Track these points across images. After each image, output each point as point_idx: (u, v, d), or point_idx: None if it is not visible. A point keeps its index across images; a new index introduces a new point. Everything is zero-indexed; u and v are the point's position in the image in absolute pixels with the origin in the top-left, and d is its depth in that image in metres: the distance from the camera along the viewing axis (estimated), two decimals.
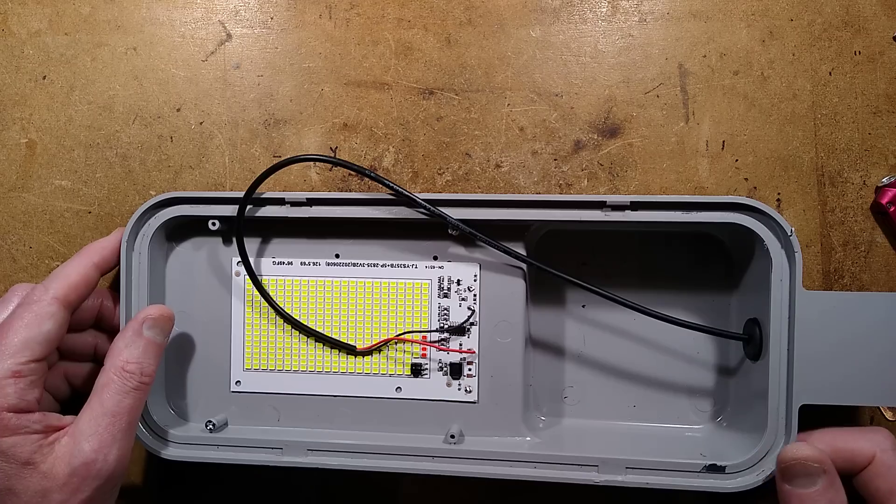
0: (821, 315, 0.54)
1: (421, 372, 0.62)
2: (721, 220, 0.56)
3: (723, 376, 0.62)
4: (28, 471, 0.50)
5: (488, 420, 0.61)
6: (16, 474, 0.49)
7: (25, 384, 0.51)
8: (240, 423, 0.63)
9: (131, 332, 0.56)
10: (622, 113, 0.62)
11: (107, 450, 0.51)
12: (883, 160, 0.60)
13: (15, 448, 0.49)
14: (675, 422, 0.63)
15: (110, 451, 0.52)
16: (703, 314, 0.62)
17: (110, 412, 0.52)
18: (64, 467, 0.50)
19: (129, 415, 0.53)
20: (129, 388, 0.54)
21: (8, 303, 0.56)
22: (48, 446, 0.50)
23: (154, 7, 0.66)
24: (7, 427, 0.49)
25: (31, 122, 0.66)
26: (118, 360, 0.54)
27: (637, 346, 0.63)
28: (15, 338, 0.51)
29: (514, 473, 0.58)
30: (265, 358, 0.63)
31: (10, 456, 0.49)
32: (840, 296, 0.55)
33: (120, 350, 0.55)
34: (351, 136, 0.64)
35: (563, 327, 0.64)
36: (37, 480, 0.50)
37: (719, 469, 0.56)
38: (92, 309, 0.61)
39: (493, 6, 0.63)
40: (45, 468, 0.50)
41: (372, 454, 0.60)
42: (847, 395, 0.54)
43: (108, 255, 0.59)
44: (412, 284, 0.62)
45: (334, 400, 0.63)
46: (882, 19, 0.60)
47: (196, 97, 0.65)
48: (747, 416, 0.58)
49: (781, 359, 0.55)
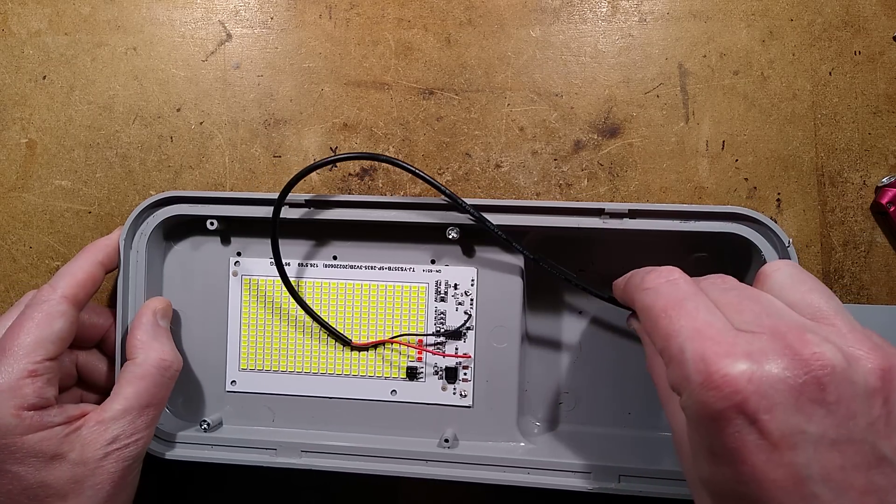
0: None
1: (416, 375, 0.61)
2: (719, 230, 0.55)
3: None
4: (58, 462, 0.51)
5: (483, 425, 0.61)
6: (46, 468, 0.50)
7: (42, 382, 0.51)
8: (235, 423, 0.63)
9: (149, 324, 0.58)
10: (622, 113, 0.62)
11: (139, 435, 0.54)
12: (883, 160, 0.59)
13: (41, 444, 0.50)
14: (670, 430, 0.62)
15: (142, 437, 0.54)
16: None
17: (146, 403, 0.55)
18: (96, 452, 0.52)
19: (162, 404, 0.57)
20: (166, 380, 0.56)
21: (19, 305, 0.57)
22: (73, 433, 0.52)
23: (154, 7, 0.66)
24: (30, 426, 0.50)
25: (31, 122, 0.67)
26: (153, 354, 0.56)
27: (633, 353, 0.62)
28: (28, 338, 0.52)
29: (507, 479, 0.58)
30: (261, 358, 0.63)
31: (37, 451, 0.50)
32: None
33: (150, 343, 0.57)
34: (351, 136, 0.64)
35: (559, 333, 0.63)
36: (68, 469, 0.51)
37: None
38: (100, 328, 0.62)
39: (493, 6, 0.63)
40: (75, 456, 0.51)
41: (366, 457, 0.60)
42: None
43: (111, 253, 0.59)
44: (409, 288, 0.61)
45: (329, 401, 0.62)
46: (882, 19, 0.60)
47: (196, 97, 0.66)
48: None
49: None
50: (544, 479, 0.57)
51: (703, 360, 0.36)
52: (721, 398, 0.35)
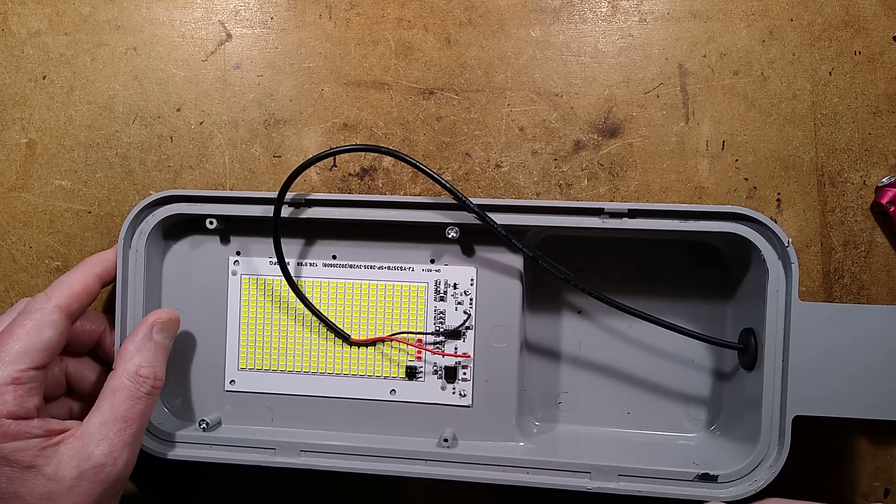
0: (816, 327, 0.54)
1: (416, 375, 0.61)
2: (718, 229, 0.55)
3: (717, 385, 0.62)
4: (31, 474, 0.50)
5: (482, 424, 0.61)
6: (19, 478, 0.50)
7: (24, 391, 0.51)
8: (234, 422, 0.63)
9: (142, 336, 0.56)
10: (622, 113, 0.62)
11: (117, 454, 0.52)
12: (883, 160, 0.59)
13: (16, 453, 0.50)
14: (669, 429, 0.62)
15: (120, 456, 0.52)
16: (699, 322, 0.61)
17: (122, 417, 0.53)
18: (71, 470, 0.50)
19: (140, 420, 0.54)
20: (141, 394, 0.54)
21: (12, 312, 0.56)
22: (51, 448, 0.51)
23: (154, 7, 0.66)
24: (7, 433, 0.49)
25: (31, 122, 0.67)
26: (130, 365, 0.55)
27: (632, 353, 0.62)
28: (16, 345, 0.51)
29: (506, 478, 0.58)
30: (260, 358, 0.63)
31: (12, 461, 0.50)
32: (836, 307, 0.54)
33: (132, 354, 0.55)
34: (351, 136, 0.64)
35: (558, 333, 0.63)
36: (41, 483, 0.50)
37: (712, 478, 0.55)
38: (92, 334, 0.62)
39: (493, 6, 0.63)
40: (50, 471, 0.50)
41: (365, 456, 0.59)
42: (841, 407, 0.54)
43: (109, 266, 0.59)
44: (409, 287, 0.61)
45: (329, 401, 0.62)
46: (882, 19, 0.60)
47: (196, 97, 0.65)
48: (741, 426, 0.58)
49: (776, 369, 0.54)
50: (543, 479, 0.57)
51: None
52: None
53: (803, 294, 0.60)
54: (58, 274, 0.66)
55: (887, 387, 0.54)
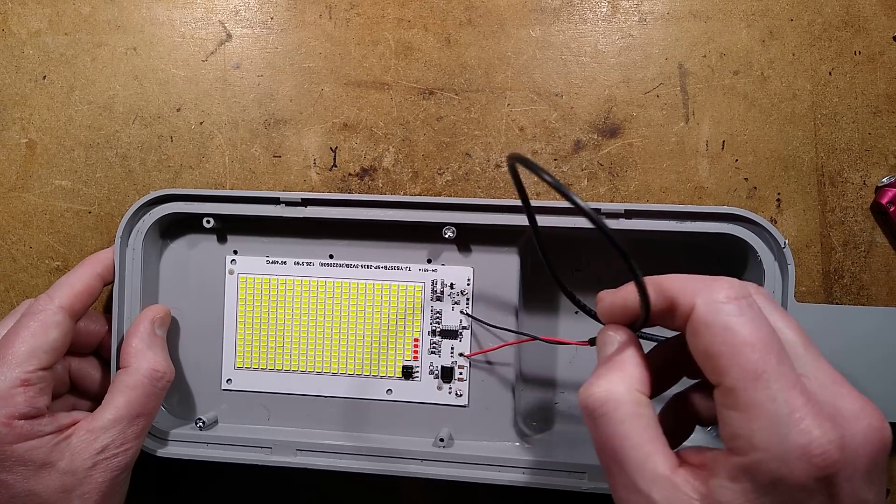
0: (813, 328, 0.53)
1: (412, 374, 0.61)
2: (715, 230, 0.55)
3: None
4: (46, 471, 0.51)
5: (478, 424, 0.61)
6: (35, 476, 0.51)
7: (35, 392, 0.52)
8: (230, 421, 0.63)
9: (146, 332, 0.58)
10: (622, 113, 0.62)
11: (129, 444, 0.54)
12: (883, 160, 0.59)
13: (31, 452, 0.51)
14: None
15: (132, 447, 0.54)
16: None
17: (136, 412, 0.55)
18: (84, 461, 0.52)
19: (152, 413, 0.56)
20: (157, 389, 0.56)
21: (15, 314, 0.57)
22: (64, 443, 0.52)
23: (154, 7, 0.66)
24: (20, 434, 0.50)
25: (31, 122, 0.67)
26: (145, 362, 0.56)
27: None
28: (22, 346, 0.52)
29: (502, 478, 0.58)
30: (257, 356, 0.63)
31: (27, 460, 0.50)
32: (832, 309, 0.54)
33: (143, 352, 0.57)
34: (351, 136, 0.64)
35: (555, 332, 0.63)
36: (56, 478, 0.51)
37: None
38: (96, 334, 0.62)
39: (493, 6, 0.63)
40: (64, 465, 0.51)
41: (361, 456, 0.60)
42: None
43: (110, 265, 0.60)
44: (405, 287, 0.61)
45: (325, 400, 0.62)
46: (882, 19, 0.59)
47: (196, 97, 0.66)
48: None
49: None
50: (539, 479, 0.57)
51: (803, 421, 0.33)
52: (816, 468, 0.33)
53: (803, 294, 0.60)
54: (58, 274, 0.66)
55: (883, 388, 0.54)
